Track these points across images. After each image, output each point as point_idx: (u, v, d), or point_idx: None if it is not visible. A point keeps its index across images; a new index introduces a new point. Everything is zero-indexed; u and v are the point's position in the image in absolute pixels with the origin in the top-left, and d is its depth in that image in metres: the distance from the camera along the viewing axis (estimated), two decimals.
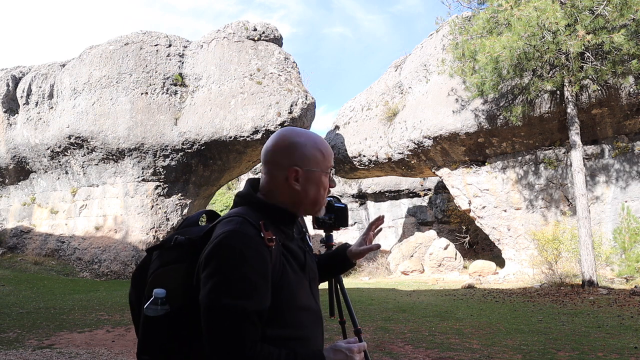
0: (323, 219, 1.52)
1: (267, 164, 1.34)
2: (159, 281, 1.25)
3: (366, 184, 25.63)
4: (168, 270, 1.27)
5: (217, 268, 1.15)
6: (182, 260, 1.26)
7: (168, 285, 1.24)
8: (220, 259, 1.16)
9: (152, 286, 1.25)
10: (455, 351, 5.52)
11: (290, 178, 1.30)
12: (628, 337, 5.99)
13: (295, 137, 1.33)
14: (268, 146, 1.35)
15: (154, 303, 1.21)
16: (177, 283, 1.24)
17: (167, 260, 1.28)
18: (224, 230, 1.20)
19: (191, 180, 17.71)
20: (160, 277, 1.26)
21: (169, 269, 1.27)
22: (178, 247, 1.28)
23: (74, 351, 5.85)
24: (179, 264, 1.26)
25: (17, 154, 19.72)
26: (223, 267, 1.15)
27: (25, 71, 20.41)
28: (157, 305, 1.21)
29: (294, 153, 1.31)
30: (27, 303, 9.93)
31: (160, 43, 17.89)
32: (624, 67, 10.76)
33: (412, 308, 9.13)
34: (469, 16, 13.58)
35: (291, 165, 1.30)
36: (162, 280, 1.25)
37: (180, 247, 1.28)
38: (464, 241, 21.07)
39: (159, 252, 1.32)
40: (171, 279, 1.25)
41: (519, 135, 13.84)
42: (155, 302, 1.21)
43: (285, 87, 16.23)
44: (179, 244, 1.29)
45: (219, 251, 1.17)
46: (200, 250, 1.24)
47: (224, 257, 1.16)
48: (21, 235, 19.39)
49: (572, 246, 12.08)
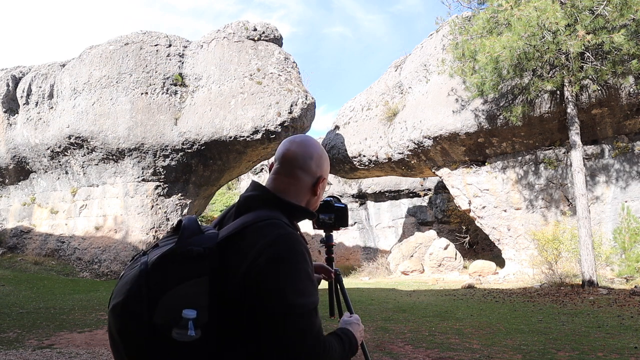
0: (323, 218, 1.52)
1: (296, 169, 1.36)
2: (182, 300, 1.08)
3: (366, 184, 25.63)
4: (190, 286, 1.10)
5: (285, 272, 1.11)
6: (203, 273, 1.12)
7: (195, 303, 1.08)
8: (284, 262, 1.12)
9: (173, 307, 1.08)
10: (455, 351, 5.52)
11: (317, 185, 1.38)
12: (628, 337, 5.99)
13: (322, 149, 1.44)
14: (299, 152, 1.37)
15: (182, 327, 1.05)
16: (203, 299, 1.09)
17: (186, 275, 1.11)
18: (278, 233, 1.16)
19: (191, 180, 17.72)
20: (182, 295, 1.09)
21: (191, 284, 1.10)
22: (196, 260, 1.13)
23: (74, 351, 5.85)
24: (200, 277, 1.11)
25: (17, 154, 19.72)
26: (289, 270, 1.12)
27: (25, 71, 20.41)
28: (187, 329, 1.05)
29: (324, 164, 1.41)
30: (27, 303, 9.93)
31: (160, 43, 17.89)
32: (624, 67, 10.76)
33: (412, 308, 9.13)
34: (469, 16, 13.59)
35: (321, 174, 1.39)
36: (185, 299, 1.08)
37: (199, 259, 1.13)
38: (464, 241, 21.07)
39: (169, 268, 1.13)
40: (197, 296, 1.09)
41: (519, 135, 13.84)
42: (185, 326, 1.05)
43: (285, 87, 16.23)
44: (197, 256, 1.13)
45: (281, 255, 1.12)
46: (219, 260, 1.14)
47: (287, 260, 1.13)
48: (21, 235, 19.39)
49: (572, 246, 12.08)
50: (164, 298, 1.09)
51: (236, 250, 1.15)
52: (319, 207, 1.49)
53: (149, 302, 1.09)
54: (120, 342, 1.13)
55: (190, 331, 1.05)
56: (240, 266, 1.12)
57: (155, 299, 1.09)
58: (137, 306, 1.10)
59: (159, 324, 1.07)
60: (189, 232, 1.19)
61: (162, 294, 1.09)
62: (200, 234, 1.19)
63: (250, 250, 1.12)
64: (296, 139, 1.42)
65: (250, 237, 1.15)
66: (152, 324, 1.08)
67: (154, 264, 1.13)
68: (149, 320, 1.08)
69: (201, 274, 1.11)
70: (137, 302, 1.10)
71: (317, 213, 1.49)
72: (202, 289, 1.10)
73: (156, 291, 1.10)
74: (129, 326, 1.11)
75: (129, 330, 1.11)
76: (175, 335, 1.05)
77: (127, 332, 1.11)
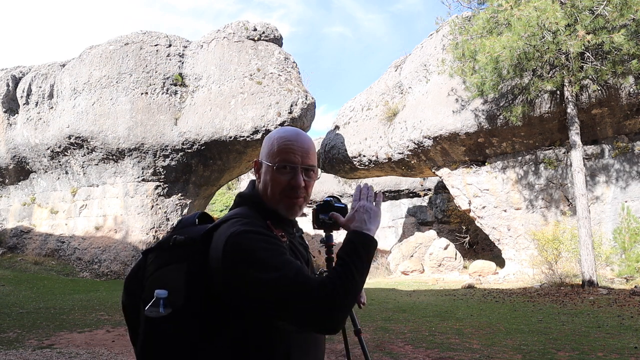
0: (323, 218, 1.52)
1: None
2: (159, 282, 1.21)
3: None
4: (169, 270, 1.23)
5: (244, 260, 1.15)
6: (183, 260, 1.22)
7: (169, 285, 1.19)
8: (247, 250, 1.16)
9: (152, 287, 1.21)
10: (455, 351, 5.52)
11: (257, 171, 1.40)
12: (628, 337, 5.99)
13: (273, 135, 1.39)
14: None
15: (155, 304, 1.17)
16: (179, 283, 1.20)
17: (167, 260, 1.24)
18: (232, 231, 1.19)
19: (191, 180, 17.72)
20: (161, 277, 1.22)
21: (170, 269, 1.22)
22: (178, 247, 1.25)
23: (74, 351, 5.85)
24: (179, 263, 1.22)
25: (17, 154, 19.72)
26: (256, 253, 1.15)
27: (25, 71, 20.41)
28: (159, 307, 1.17)
29: (264, 149, 1.38)
30: (27, 303, 9.93)
31: (160, 43, 17.89)
32: (624, 67, 10.75)
33: (412, 308, 9.13)
34: (469, 16, 13.58)
35: (257, 159, 1.41)
36: (163, 281, 1.21)
37: (181, 247, 1.24)
38: (464, 241, 21.07)
39: (157, 253, 1.28)
40: (173, 279, 1.20)
41: (519, 135, 13.84)
42: (157, 304, 1.17)
43: (285, 87, 16.23)
44: (179, 244, 1.25)
45: (240, 244, 1.16)
46: (202, 250, 1.22)
47: (249, 248, 1.16)
48: (21, 235, 19.39)
49: (572, 246, 12.08)
50: (149, 279, 1.25)
51: (212, 244, 1.22)
52: (319, 207, 1.47)
53: (142, 282, 1.27)
54: (123, 312, 1.37)
55: (160, 308, 1.17)
56: (213, 258, 1.20)
57: (145, 279, 1.27)
58: (133, 285, 1.32)
59: (144, 300, 1.22)
60: (182, 224, 1.37)
61: (150, 276, 1.26)
62: (193, 226, 1.34)
63: (219, 245, 1.19)
64: None
65: (219, 233, 1.22)
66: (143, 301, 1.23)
67: (150, 250, 1.32)
68: (139, 296, 1.26)
69: (181, 260, 1.23)
70: (133, 282, 1.33)
71: (317, 213, 1.47)
72: (178, 274, 1.21)
73: (146, 273, 1.28)
74: (127, 300, 1.34)
75: (128, 304, 1.35)
76: (147, 311, 1.18)
77: (126, 306, 1.36)
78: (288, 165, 1.32)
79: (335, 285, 1.12)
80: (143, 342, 1.23)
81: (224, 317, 1.21)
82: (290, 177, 1.32)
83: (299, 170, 1.32)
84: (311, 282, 1.12)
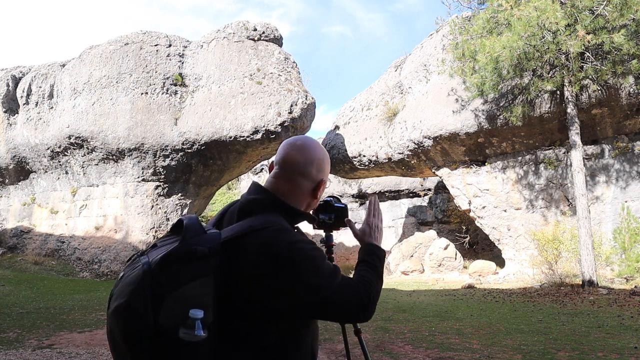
0: (323, 218, 1.52)
1: (297, 175, 1.36)
2: (187, 301, 1.08)
3: (366, 184, 25.62)
4: (196, 287, 1.10)
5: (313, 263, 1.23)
6: (208, 273, 1.13)
7: (202, 303, 1.09)
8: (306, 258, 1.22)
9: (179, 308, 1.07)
10: (455, 351, 5.52)
11: (318, 189, 1.40)
12: (628, 337, 5.99)
13: (323, 152, 1.42)
14: (300, 158, 1.36)
15: (189, 327, 1.05)
16: (209, 299, 1.11)
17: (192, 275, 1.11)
18: (283, 239, 1.21)
19: (191, 180, 17.72)
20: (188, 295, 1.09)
21: (198, 285, 1.10)
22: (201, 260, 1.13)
23: (74, 351, 5.85)
24: (205, 277, 1.12)
25: (17, 154, 19.72)
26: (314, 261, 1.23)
27: (25, 71, 20.41)
28: (194, 329, 1.05)
29: (325, 167, 1.41)
30: (27, 303, 9.93)
31: (160, 43, 17.89)
32: (624, 67, 10.75)
33: (412, 308, 9.13)
34: (469, 16, 13.58)
35: (322, 177, 1.40)
36: (192, 299, 1.08)
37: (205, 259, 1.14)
38: (464, 241, 21.07)
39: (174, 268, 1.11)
40: (202, 296, 1.10)
41: (519, 135, 13.84)
42: (192, 326, 1.05)
43: (285, 87, 16.23)
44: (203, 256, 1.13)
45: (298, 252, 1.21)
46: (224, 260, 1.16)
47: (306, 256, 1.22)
48: (21, 235, 19.39)
49: (572, 246, 12.08)
50: (169, 298, 1.08)
51: (242, 252, 1.17)
52: (319, 207, 1.49)
53: (154, 303, 1.07)
54: (124, 343, 1.10)
55: (198, 331, 1.05)
56: (245, 268, 1.16)
57: (161, 299, 1.08)
58: (142, 307, 1.08)
59: (165, 325, 1.06)
60: (192, 231, 1.18)
61: (167, 294, 1.08)
62: (203, 234, 1.19)
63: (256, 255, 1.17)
64: (297, 142, 1.39)
65: (255, 241, 1.19)
66: (158, 325, 1.06)
67: (159, 264, 1.11)
68: (154, 320, 1.07)
69: (207, 274, 1.12)
70: (141, 303, 1.08)
71: (317, 213, 1.49)
72: (207, 289, 1.11)
73: (161, 291, 1.08)
74: (133, 327, 1.08)
75: (134, 331, 1.08)
76: (182, 335, 1.05)
77: (131, 333, 1.09)
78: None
79: (372, 284, 1.30)
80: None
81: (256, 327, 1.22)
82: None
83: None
84: (354, 282, 1.29)
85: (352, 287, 1.26)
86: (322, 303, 1.21)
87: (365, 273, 1.32)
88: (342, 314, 1.27)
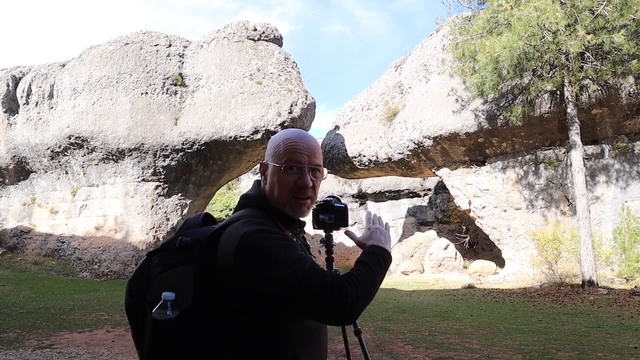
0: (323, 218, 1.51)
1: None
2: (166, 284, 1.21)
3: (366, 184, 25.62)
4: (176, 272, 1.22)
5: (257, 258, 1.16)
6: (190, 262, 1.22)
7: (177, 287, 1.19)
8: (262, 249, 1.17)
9: (158, 290, 1.21)
10: (455, 351, 5.52)
11: (263, 174, 1.40)
12: (628, 337, 5.99)
13: (279, 136, 1.39)
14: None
15: (162, 307, 1.17)
16: (186, 285, 1.20)
17: (173, 262, 1.24)
18: (243, 232, 1.19)
19: (191, 180, 17.71)
20: (168, 279, 1.22)
21: (177, 271, 1.22)
22: (184, 249, 1.24)
23: (74, 351, 5.85)
24: (186, 265, 1.22)
25: (17, 154, 19.72)
26: (271, 250, 1.17)
27: (25, 71, 20.40)
28: (167, 309, 1.17)
29: (272, 151, 1.38)
30: (27, 303, 9.93)
31: (160, 43, 17.89)
32: (624, 67, 10.76)
33: (412, 308, 9.13)
34: (469, 16, 13.59)
35: (264, 161, 1.40)
36: (170, 283, 1.21)
37: (187, 248, 1.24)
38: (464, 241, 21.07)
39: (162, 255, 1.28)
40: (180, 281, 1.20)
41: (519, 135, 13.84)
42: (164, 306, 1.17)
43: (285, 87, 16.23)
44: (185, 246, 1.25)
45: (254, 243, 1.17)
46: (208, 251, 1.22)
47: (264, 246, 1.17)
48: (21, 235, 19.38)
49: (572, 246, 12.08)
50: (155, 281, 1.25)
51: (218, 245, 1.22)
52: (319, 207, 1.47)
53: (147, 283, 1.27)
54: (127, 314, 1.34)
55: (168, 311, 1.17)
56: (218, 259, 1.20)
57: (150, 281, 1.27)
58: (138, 286, 1.30)
59: (150, 303, 1.22)
60: (187, 225, 1.36)
61: (154, 277, 1.26)
62: (198, 227, 1.33)
63: (230, 246, 1.19)
64: None
65: (225, 234, 1.23)
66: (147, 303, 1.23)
67: (154, 252, 1.31)
68: (144, 298, 1.25)
69: (188, 262, 1.23)
70: (138, 283, 1.31)
71: (317, 213, 1.47)
72: (186, 276, 1.21)
73: (151, 274, 1.27)
74: (131, 302, 1.32)
75: (131, 305, 1.32)
76: (155, 314, 1.18)
77: (130, 307, 1.32)
78: (295, 165, 1.33)
79: (358, 281, 1.18)
80: (150, 345, 1.22)
81: (232, 318, 1.21)
82: (297, 177, 1.33)
83: (306, 170, 1.34)
84: (328, 274, 1.19)
85: (322, 279, 1.15)
86: (280, 294, 1.15)
87: (354, 271, 1.23)
88: (309, 308, 1.16)
